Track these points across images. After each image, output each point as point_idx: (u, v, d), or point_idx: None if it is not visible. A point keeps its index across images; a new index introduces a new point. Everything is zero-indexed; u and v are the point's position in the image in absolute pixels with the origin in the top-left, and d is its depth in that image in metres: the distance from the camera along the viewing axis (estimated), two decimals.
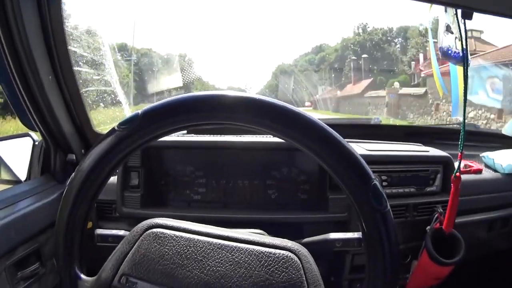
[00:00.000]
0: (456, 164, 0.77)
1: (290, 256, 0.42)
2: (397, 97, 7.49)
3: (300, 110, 0.40)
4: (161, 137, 0.42)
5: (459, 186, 0.77)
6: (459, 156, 0.76)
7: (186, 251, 0.42)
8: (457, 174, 0.77)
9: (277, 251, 0.42)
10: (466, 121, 0.74)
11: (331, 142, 0.39)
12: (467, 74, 0.72)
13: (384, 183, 0.83)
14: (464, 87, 0.71)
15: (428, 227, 0.83)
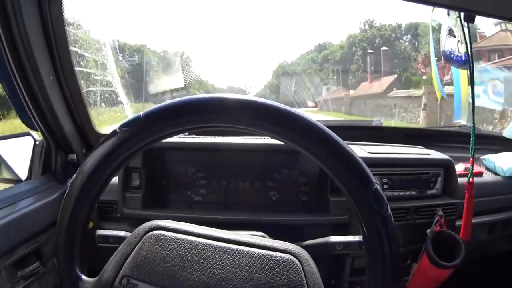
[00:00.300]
0: (457, 167, 0.76)
1: (291, 259, 0.42)
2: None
3: (301, 112, 0.40)
4: (163, 139, 0.42)
5: (473, 192, 0.77)
6: (471, 161, 0.75)
7: (187, 253, 0.42)
8: (471, 180, 0.76)
9: (278, 254, 0.42)
10: (467, 124, 0.74)
11: (331, 144, 0.39)
12: (473, 78, 0.71)
13: (385, 186, 0.83)
14: (472, 91, 0.70)
15: (429, 230, 0.83)
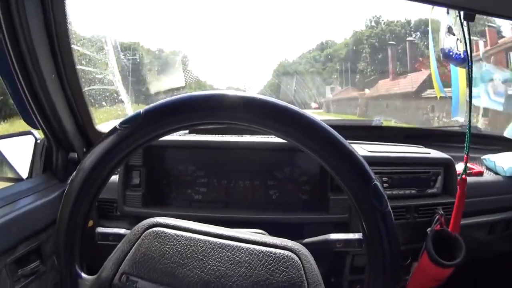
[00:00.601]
0: (458, 166, 0.77)
1: (290, 255, 0.42)
2: None
3: (302, 110, 0.40)
4: (163, 136, 0.42)
5: (465, 188, 0.77)
6: (464, 158, 0.76)
7: (186, 250, 0.42)
8: (463, 176, 0.77)
9: (278, 250, 0.42)
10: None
11: (332, 143, 0.39)
12: (471, 76, 0.71)
13: (385, 185, 0.83)
14: (469, 90, 0.70)
15: (429, 228, 0.83)
